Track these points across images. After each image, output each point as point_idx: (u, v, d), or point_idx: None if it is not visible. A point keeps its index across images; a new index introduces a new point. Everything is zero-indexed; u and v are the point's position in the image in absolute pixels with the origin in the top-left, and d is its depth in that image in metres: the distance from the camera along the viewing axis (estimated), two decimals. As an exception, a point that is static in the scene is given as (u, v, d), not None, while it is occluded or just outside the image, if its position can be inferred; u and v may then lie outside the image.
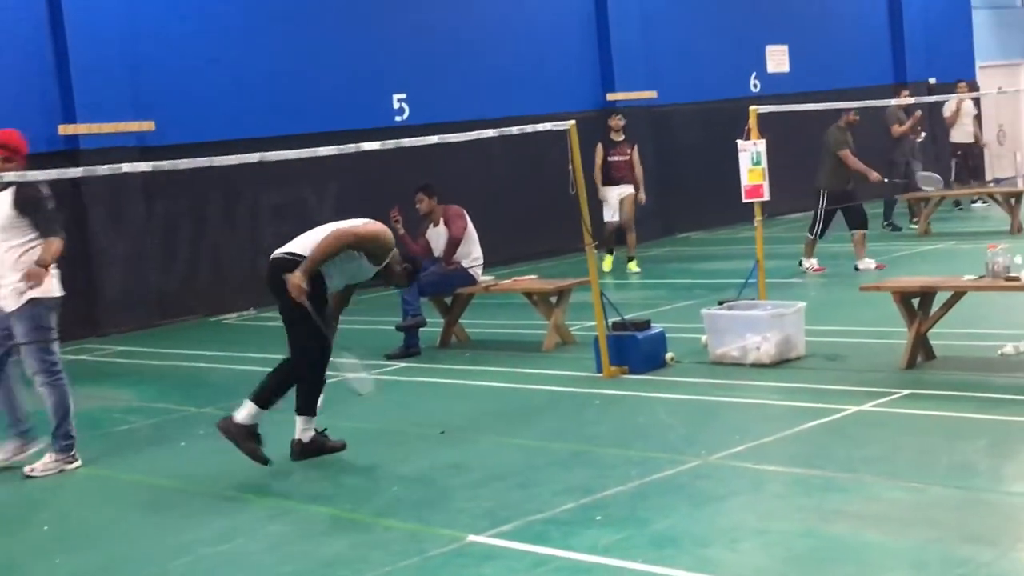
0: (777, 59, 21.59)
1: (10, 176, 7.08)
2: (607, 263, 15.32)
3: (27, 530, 6.49)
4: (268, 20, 15.78)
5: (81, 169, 7.97)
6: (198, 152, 12.44)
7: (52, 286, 7.50)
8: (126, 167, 7.90)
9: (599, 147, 15.36)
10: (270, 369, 7.51)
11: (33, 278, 7.27)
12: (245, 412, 7.21)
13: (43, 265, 7.31)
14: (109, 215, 14.21)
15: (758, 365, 8.65)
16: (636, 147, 15.57)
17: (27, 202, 7.43)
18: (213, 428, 7.48)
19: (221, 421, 7.33)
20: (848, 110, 13.54)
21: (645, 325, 9.27)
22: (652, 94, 19.36)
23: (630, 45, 19.31)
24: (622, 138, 15.45)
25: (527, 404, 8.56)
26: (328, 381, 7.57)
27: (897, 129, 17.05)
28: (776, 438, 6.69)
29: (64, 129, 13.90)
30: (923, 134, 17.98)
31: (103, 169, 7.66)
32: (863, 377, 8.05)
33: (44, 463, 7.56)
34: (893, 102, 15.37)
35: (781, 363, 8.63)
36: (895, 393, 7.52)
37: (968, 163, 19.74)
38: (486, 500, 6.17)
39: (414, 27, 17.13)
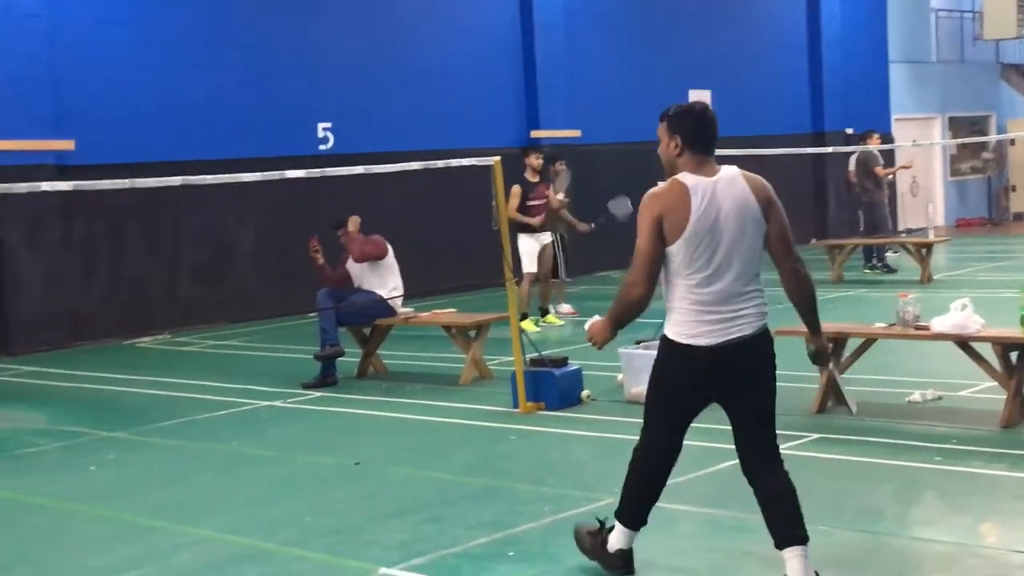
0: (700, 103, 21.93)
1: None
2: (528, 325, 12.85)
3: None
4: (196, 43, 15.70)
5: (-1, 186, 7.81)
6: (119, 173, 12.33)
7: None
8: (45, 185, 7.81)
9: (516, 188, 13.50)
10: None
11: None
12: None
13: None
14: (25, 234, 13.98)
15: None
16: (552, 185, 14.37)
17: None
18: (124, 452, 7.36)
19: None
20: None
21: (562, 362, 9.33)
22: (576, 133, 19.57)
23: (556, 84, 19.53)
24: (537, 179, 13.93)
25: (443, 437, 8.56)
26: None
27: (881, 171, 17.49)
28: (689, 478, 6.77)
29: (-23, 145, 13.67)
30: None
31: (22, 187, 7.57)
32: (775, 420, 8.16)
33: None
34: (866, 148, 15.95)
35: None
36: (805, 437, 7.65)
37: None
38: (399, 532, 6.16)
39: (342, 57, 17.15)
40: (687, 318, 4.96)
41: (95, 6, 14.80)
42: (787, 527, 4.95)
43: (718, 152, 5.09)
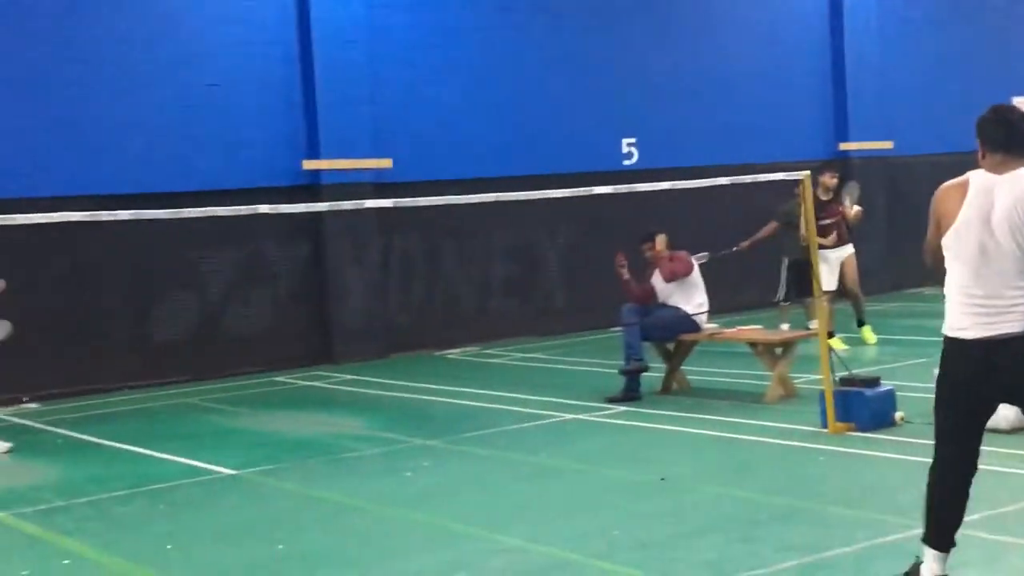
0: (1025, 109, 20.72)
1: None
2: (836, 343, 12.22)
3: (265, 546, 6.77)
4: (503, 63, 16.17)
5: (326, 204, 8.28)
6: (431, 190, 12.88)
7: None
8: (368, 203, 8.22)
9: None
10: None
11: None
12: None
13: None
14: (349, 249, 14.77)
15: (995, 431, 8.28)
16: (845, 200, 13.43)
17: None
18: (437, 460, 7.61)
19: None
20: None
21: (874, 382, 9.02)
22: (888, 144, 18.89)
23: (866, 92, 18.90)
24: (829, 198, 13.19)
25: (748, 456, 8.44)
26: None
27: None
28: (1016, 508, 6.40)
29: (308, 164, 14.55)
30: None
31: (347, 204, 8.00)
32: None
33: None
34: None
35: (1022, 430, 8.24)
36: None
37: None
38: (706, 551, 6.11)
39: (645, 72, 17.24)
40: (957, 311, 4.95)
41: (410, 32, 15.47)
42: None
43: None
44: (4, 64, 12.95)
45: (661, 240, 11.19)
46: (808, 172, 9.06)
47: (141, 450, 9.88)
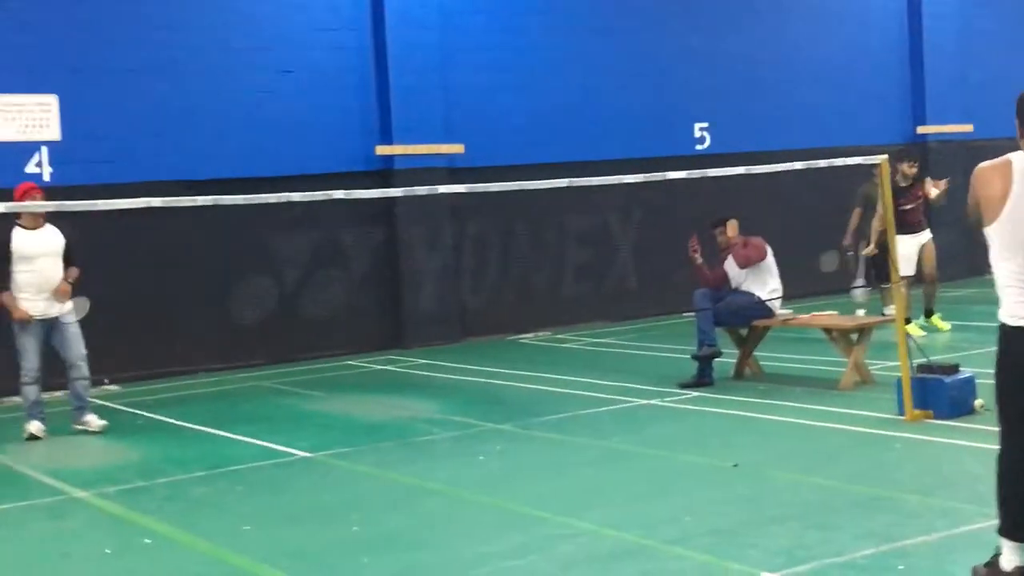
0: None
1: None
2: (914, 329, 12.28)
3: (340, 527, 6.85)
4: (574, 48, 16.14)
5: (400, 190, 8.34)
6: (503, 175, 12.90)
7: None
8: (442, 188, 8.25)
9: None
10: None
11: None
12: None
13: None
14: (422, 234, 14.85)
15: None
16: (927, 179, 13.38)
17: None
18: (509, 444, 7.64)
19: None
20: None
21: (953, 369, 8.89)
22: (967, 128, 18.57)
23: (945, 75, 18.60)
24: (909, 183, 13.01)
25: (823, 443, 8.37)
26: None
27: None
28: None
29: (381, 150, 14.65)
30: None
31: (421, 190, 8.04)
32: None
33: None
34: None
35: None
36: None
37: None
38: (781, 538, 6.08)
39: (718, 56, 17.12)
40: (1012, 299, 4.85)
41: (481, 16, 15.50)
42: None
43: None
44: (89, 55, 13.17)
45: (732, 225, 11.13)
46: (886, 156, 8.94)
47: (218, 432, 10.04)
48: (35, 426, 10.07)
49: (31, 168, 12.78)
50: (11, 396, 11.67)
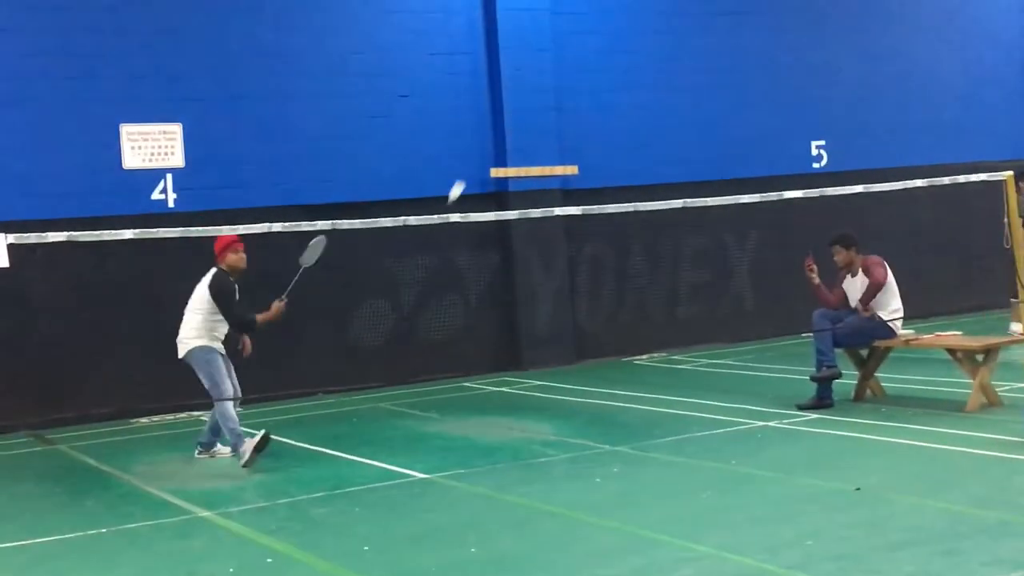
0: None
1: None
2: None
3: (458, 549, 6.89)
4: (687, 67, 16.07)
5: (516, 212, 8.38)
6: (618, 196, 12.88)
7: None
8: (557, 210, 8.27)
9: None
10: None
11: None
12: None
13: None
14: (538, 255, 14.91)
15: None
16: None
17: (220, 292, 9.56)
18: (626, 466, 7.59)
19: None
20: None
21: (1085, 390, 8.62)
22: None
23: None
24: None
25: (949, 466, 8.16)
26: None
27: None
28: None
29: (495, 172, 14.75)
30: None
31: (536, 212, 8.08)
32: None
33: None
34: None
35: None
36: None
37: None
38: (906, 564, 5.93)
39: (834, 72, 16.91)
40: None
41: (594, 38, 15.53)
42: None
43: None
44: (209, 83, 13.52)
45: (842, 249, 10.77)
46: (1011, 172, 8.72)
47: (338, 453, 10.17)
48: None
49: (156, 195, 13.15)
50: (139, 418, 11.96)
